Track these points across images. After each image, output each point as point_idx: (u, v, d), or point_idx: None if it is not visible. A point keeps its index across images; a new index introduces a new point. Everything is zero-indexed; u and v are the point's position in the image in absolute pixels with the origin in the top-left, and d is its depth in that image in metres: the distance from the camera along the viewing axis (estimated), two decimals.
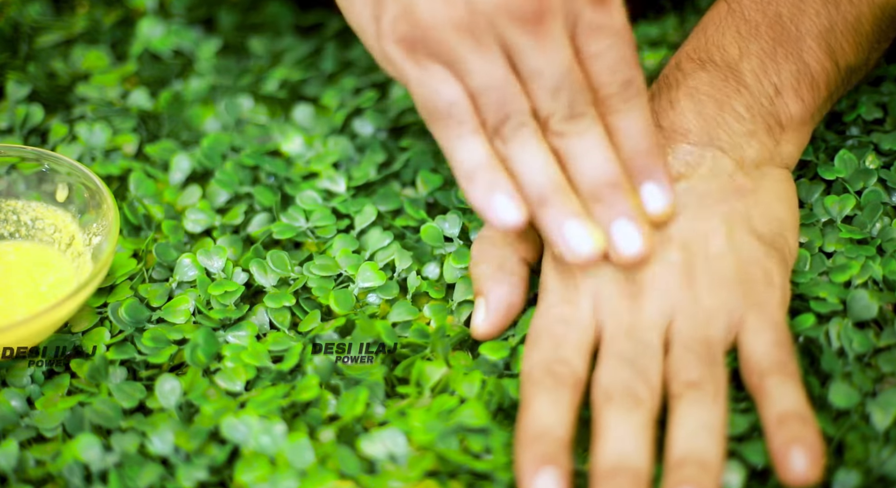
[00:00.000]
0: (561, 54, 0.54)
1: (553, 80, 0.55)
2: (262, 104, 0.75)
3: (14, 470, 0.56)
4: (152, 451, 0.56)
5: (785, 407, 0.53)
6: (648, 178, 0.57)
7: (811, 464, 0.51)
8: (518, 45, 0.54)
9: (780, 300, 0.57)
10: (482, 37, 0.54)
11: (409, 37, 0.55)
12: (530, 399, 0.55)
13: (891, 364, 0.57)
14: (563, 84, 0.55)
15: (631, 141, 0.56)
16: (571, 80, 0.55)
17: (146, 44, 0.79)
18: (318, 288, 0.63)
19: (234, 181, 0.69)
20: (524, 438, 0.53)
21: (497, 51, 0.54)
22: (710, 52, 0.62)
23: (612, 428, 0.53)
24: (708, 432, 0.52)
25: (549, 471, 0.52)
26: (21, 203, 0.65)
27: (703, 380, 0.54)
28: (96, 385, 0.60)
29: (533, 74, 0.55)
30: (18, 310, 0.61)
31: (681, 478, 0.51)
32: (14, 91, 0.75)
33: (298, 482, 0.55)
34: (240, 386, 0.59)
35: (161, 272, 0.65)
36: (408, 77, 0.56)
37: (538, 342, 0.57)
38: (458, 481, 0.55)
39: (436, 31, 0.54)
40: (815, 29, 0.62)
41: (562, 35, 0.54)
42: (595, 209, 0.56)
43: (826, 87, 0.62)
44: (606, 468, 0.52)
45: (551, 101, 0.55)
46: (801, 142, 0.62)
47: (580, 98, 0.55)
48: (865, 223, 0.63)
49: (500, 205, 0.55)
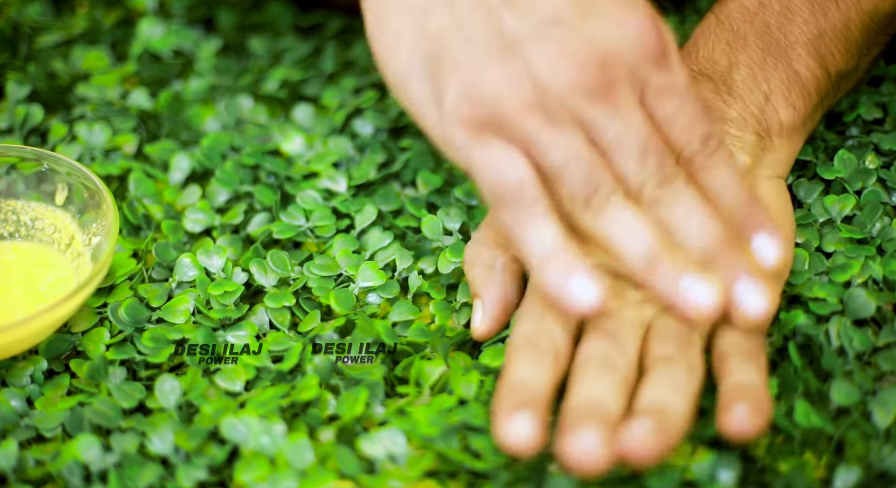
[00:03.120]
0: (637, 120, 0.53)
1: (637, 146, 0.53)
2: (262, 104, 0.75)
3: (14, 470, 0.56)
4: (152, 451, 0.56)
5: (741, 379, 0.54)
6: (755, 230, 0.54)
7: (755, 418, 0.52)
8: (593, 118, 0.53)
9: None
10: (554, 113, 0.52)
11: (474, 118, 0.53)
12: (511, 361, 0.55)
13: (890, 362, 0.57)
14: (647, 149, 0.53)
15: (726, 195, 0.54)
16: (654, 144, 0.53)
17: (146, 44, 0.79)
18: (318, 288, 0.63)
19: (234, 180, 0.69)
20: (502, 390, 0.54)
21: (573, 126, 0.53)
22: (700, 65, 0.63)
23: (585, 382, 0.53)
24: (676, 390, 0.53)
25: (524, 414, 0.52)
26: (21, 203, 0.65)
27: (677, 356, 0.55)
28: (96, 385, 0.60)
29: (615, 144, 0.53)
30: (18, 310, 0.61)
31: (641, 412, 0.52)
32: (14, 91, 0.75)
33: (298, 482, 0.55)
34: (240, 387, 0.59)
35: (161, 272, 0.65)
36: (472, 160, 0.53)
37: (524, 316, 0.57)
38: (458, 481, 0.55)
39: (505, 111, 0.53)
40: (804, 37, 0.62)
41: (635, 103, 0.53)
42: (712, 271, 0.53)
43: (817, 93, 0.62)
44: (577, 405, 0.52)
45: (640, 168, 0.53)
46: (793, 148, 0.63)
47: (667, 161, 0.53)
48: (865, 223, 0.63)
49: (579, 287, 0.52)
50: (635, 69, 0.53)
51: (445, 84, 0.53)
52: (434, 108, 0.54)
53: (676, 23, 0.78)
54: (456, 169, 0.69)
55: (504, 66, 0.53)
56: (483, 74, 0.53)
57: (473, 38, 0.53)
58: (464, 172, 0.57)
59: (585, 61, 0.52)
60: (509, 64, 0.53)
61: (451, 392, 0.58)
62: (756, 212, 0.54)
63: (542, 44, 0.52)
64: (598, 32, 0.53)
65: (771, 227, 0.54)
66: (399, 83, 0.55)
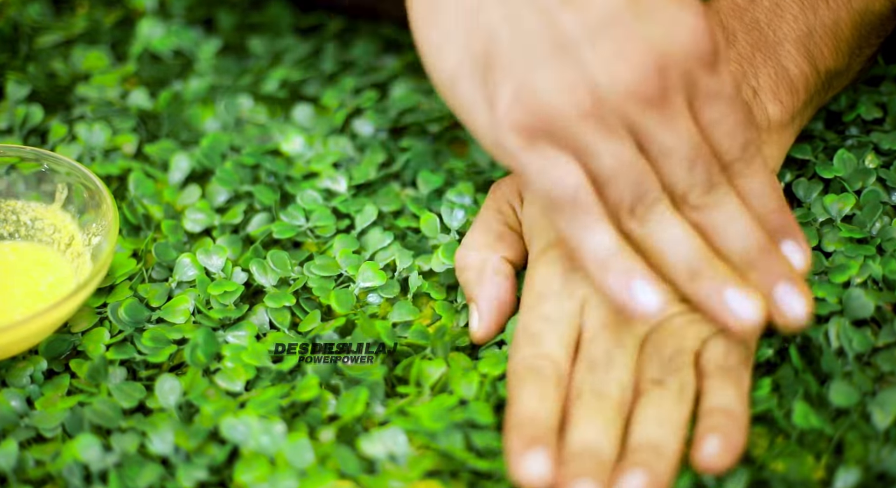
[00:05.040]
0: (689, 129, 0.53)
1: (687, 155, 0.53)
2: (262, 104, 0.75)
3: (14, 471, 0.56)
4: (152, 451, 0.56)
5: (719, 403, 0.54)
6: (785, 237, 0.56)
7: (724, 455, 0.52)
8: (646, 125, 0.53)
9: None
10: (609, 121, 0.52)
11: (529, 124, 0.52)
12: (516, 392, 0.55)
13: (890, 363, 0.57)
14: (696, 157, 0.53)
15: (761, 202, 0.55)
16: (703, 152, 0.54)
17: (146, 44, 0.79)
18: (318, 288, 0.63)
19: (234, 180, 0.69)
20: (512, 424, 0.54)
21: (624, 133, 0.53)
22: None
23: (580, 422, 0.54)
24: (667, 424, 0.53)
25: (538, 451, 0.52)
26: (20, 203, 0.65)
27: (668, 381, 0.55)
28: (96, 385, 0.60)
29: (665, 152, 0.53)
30: (17, 310, 0.61)
31: (634, 462, 0.52)
32: (14, 91, 0.75)
33: (298, 482, 0.55)
34: (240, 387, 0.59)
35: (160, 272, 0.65)
36: (526, 166, 0.53)
37: (522, 339, 0.57)
38: (460, 480, 0.55)
39: (560, 118, 0.52)
40: (793, 34, 0.62)
41: (685, 108, 0.53)
42: (752, 277, 0.54)
43: (805, 90, 0.62)
44: (573, 451, 0.53)
45: (688, 175, 0.54)
46: (783, 144, 0.63)
47: (714, 168, 0.54)
48: (865, 222, 0.63)
49: (641, 291, 0.53)
50: (688, 72, 0.53)
51: (498, 86, 0.52)
52: (485, 112, 0.53)
53: None
54: (456, 170, 0.69)
55: (560, 69, 0.52)
56: (539, 78, 0.52)
57: (527, 37, 0.52)
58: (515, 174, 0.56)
59: (643, 65, 0.51)
60: (566, 67, 0.52)
61: (451, 392, 0.58)
62: (788, 218, 0.55)
63: (599, 45, 0.51)
64: (655, 33, 0.52)
65: (800, 234, 0.56)
66: (448, 84, 0.54)
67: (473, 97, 0.53)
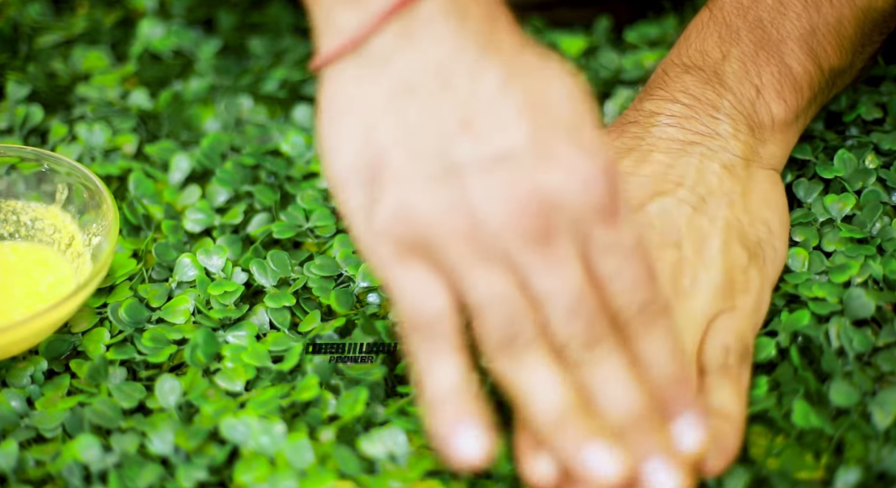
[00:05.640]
0: (572, 276, 0.50)
1: (566, 303, 0.50)
2: (262, 104, 0.75)
3: (14, 471, 0.56)
4: (152, 451, 0.56)
5: (715, 401, 0.54)
6: (678, 412, 0.52)
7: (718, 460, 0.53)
8: (525, 264, 0.50)
9: (751, 307, 0.58)
10: (485, 250, 0.50)
11: (404, 238, 0.50)
12: None
13: (890, 363, 0.57)
14: (577, 308, 0.50)
15: (656, 369, 0.51)
16: (586, 304, 0.50)
17: (146, 44, 0.79)
18: (318, 288, 0.63)
19: (234, 180, 0.69)
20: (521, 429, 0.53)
21: (502, 265, 0.50)
22: (693, 58, 0.63)
23: None
24: None
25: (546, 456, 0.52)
26: (21, 203, 0.65)
27: None
28: (96, 385, 0.60)
29: (544, 297, 0.50)
30: (18, 310, 0.61)
31: None
32: (14, 91, 0.75)
33: (298, 482, 0.55)
34: (240, 387, 0.59)
35: (161, 272, 0.65)
36: (393, 279, 0.51)
37: None
38: (460, 481, 0.55)
39: (435, 236, 0.50)
40: (797, 32, 0.62)
41: (572, 255, 0.50)
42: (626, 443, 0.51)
43: (809, 88, 0.62)
44: None
45: (566, 326, 0.50)
46: (787, 142, 0.63)
47: (596, 323, 0.50)
48: (865, 222, 0.63)
49: (465, 437, 0.50)
50: (579, 221, 0.50)
51: (381, 196, 0.51)
52: (365, 218, 0.51)
53: (676, 22, 0.78)
54: None
55: (443, 189, 0.50)
56: (420, 194, 0.50)
57: (418, 155, 0.50)
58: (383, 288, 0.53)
59: (525, 203, 0.49)
60: (449, 188, 0.50)
61: None
62: (685, 391, 0.52)
63: (486, 177, 0.49)
64: (546, 176, 0.50)
65: (696, 411, 0.52)
66: (337, 184, 0.52)
67: (357, 201, 0.52)
